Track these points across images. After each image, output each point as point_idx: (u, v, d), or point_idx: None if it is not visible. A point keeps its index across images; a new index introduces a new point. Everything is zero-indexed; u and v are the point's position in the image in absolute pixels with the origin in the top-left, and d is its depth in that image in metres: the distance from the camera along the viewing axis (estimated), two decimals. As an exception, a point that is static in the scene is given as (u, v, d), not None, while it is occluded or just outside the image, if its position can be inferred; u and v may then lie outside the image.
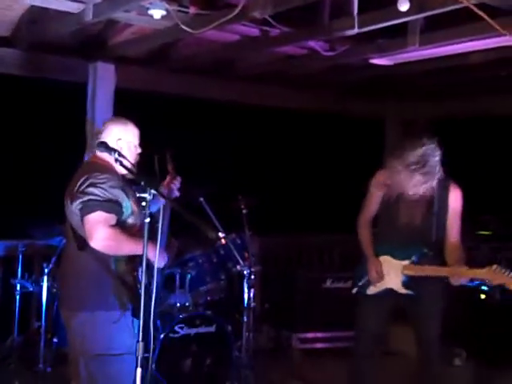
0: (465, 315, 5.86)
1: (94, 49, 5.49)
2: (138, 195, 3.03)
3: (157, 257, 3.07)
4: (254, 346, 5.02)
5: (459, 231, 3.95)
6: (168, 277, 4.65)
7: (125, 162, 3.22)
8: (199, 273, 4.78)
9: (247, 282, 4.82)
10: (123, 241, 3.15)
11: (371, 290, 4.04)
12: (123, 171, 3.29)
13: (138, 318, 3.12)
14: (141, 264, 3.11)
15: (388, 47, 4.92)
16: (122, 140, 3.37)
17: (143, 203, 2.93)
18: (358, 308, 4.13)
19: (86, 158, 5.57)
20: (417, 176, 3.72)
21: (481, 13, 3.41)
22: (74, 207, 3.18)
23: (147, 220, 2.92)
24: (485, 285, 5.88)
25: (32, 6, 4.53)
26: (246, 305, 4.83)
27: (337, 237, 6.85)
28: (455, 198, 3.92)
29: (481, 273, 3.67)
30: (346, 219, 7.10)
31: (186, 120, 6.85)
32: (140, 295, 3.07)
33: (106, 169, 3.28)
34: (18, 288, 4.80)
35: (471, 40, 4.52)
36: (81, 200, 3.15)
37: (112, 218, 3.15)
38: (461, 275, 3.70)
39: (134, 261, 3.24)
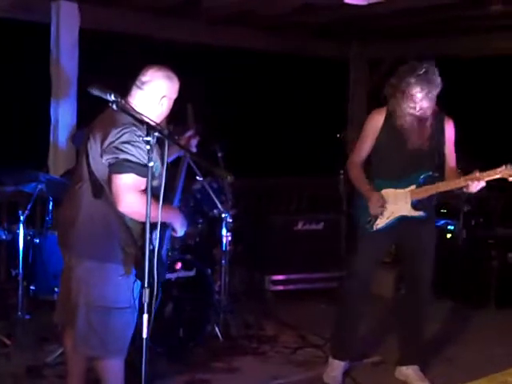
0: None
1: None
2: (142, 138, 2.93)
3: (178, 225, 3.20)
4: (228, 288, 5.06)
5: (455, 159, 4.06)
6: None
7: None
8: (177, 217, 4.71)
9: (226, 226, 4.81)
10: (153, 209, 2.99)
11: (379, 224, 4.02)
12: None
13: (142, 281, 3.06)
14: (155, 228, 3.04)
15: (365, -14, 4.85)
16: (167, 97, 3.26)
17: (147, 146, 2.83)
18: (361, 244, 4.13)
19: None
20: (420, 83, 3.76)
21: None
22: (105, 159, 3.06)
23: (150, 164, 2.84)
24: (451, 224, 6.10)
25: None
26: (224, 248, 4.83)
27: (305, 179, 6.88)
28: (450, 128, 4.04)
29: (495, 172, 3.74)
30: (313, 161, 7.17)
31: (150, 62, 6.65)
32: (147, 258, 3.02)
33: (141, 123, 3.07)
34: (-8, 234, 4.67)
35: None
36: (116, 156, 3.04)
37: (144, 183, 3.03)
38: (478, 179, 3.74)
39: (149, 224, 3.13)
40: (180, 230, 3.35)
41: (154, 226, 3.03)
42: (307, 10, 5.81)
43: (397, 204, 4.00)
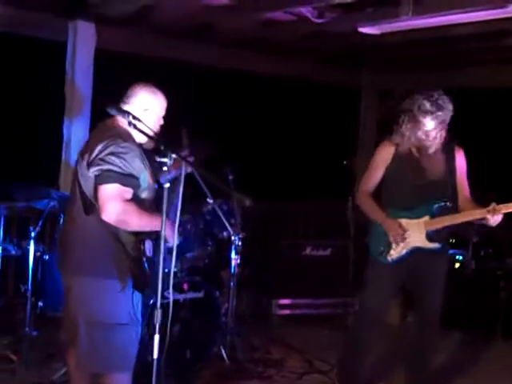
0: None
1: (73, 6, 5.33)
2: (158, 160, 2.96)
3: (173, 234, 3.07)
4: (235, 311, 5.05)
5: (468, 189, 4.02)
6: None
7: (142, 127, 3.15)
8: (187, 239, 4.72)
9: (235, 249, 4.82)
10: (136, 216, 3.10)
11: (393, 255, 3.97)
12: (140, 139, 3.24)
13: (140, 292, 3.18)
14: (149, 237, 3.13)
15: (379, 16, 4.89)
16: (149, 110, 3.29)
17: (164, 168, 2.87)
18: (373, 275, 4.08)
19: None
20: (431, 121, 3.77)
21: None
22: (91, 172, 3.10)
23: (167, 185, 2.87)
24: (460, 254, 6.08)
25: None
26: (232, 271, 4.83)
27: (313, 205, 6.90)
28: (461, 157, 4.01)
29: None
30: (322, 188, 7.18)
31: (164, 83, 6.71)
32: (144, 269, 3.11)
33: (128, 136, 3.20)
34: (0, 251, 4.67)
35: (462, 12, 4.55)
36: (100, 168, 3.07)
37: (128, 192, 3.10)
38: (496, 212, 3.68)
39: (141, 233, 3.18)
40: (170, 240, 3.23)
41: (145, 235, 3.10)
42: (320, 36, 5.87)
43: (411, 235, 3.96)
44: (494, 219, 3.71)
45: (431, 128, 3.81)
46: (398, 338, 5.07)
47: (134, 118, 3.13)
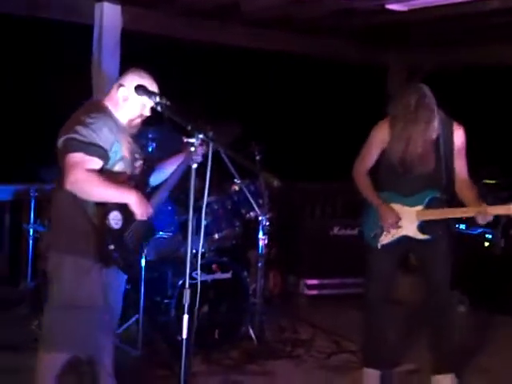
0: (468, 262, 5.95)
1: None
2: (185, 140, 2.96)
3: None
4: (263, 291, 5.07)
5: (467, 170, 3.99)
6: (184, 223, 4.61)
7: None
8: (214, 219, 4.75)
9: (262, 229, 4.82)
10: (99, 187, 3.05)
11: (384, 240, 3.99)
12: (124, 119, 3.24)
13: (107, 266, 3.12)
14: (113, 209, 3.07)
15: (407, -8, 4.83)
16: (126, 88, 3.25)
17: (192, 148, 2.87)
18: (369, 258, 4.11)
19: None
20: (419, 116, 3.74)
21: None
22: (59, 143, 3.11)
23: (194, 166, 2.87)
24: (489, 232, 6.03)
25: None
26: (260, 251, 4.84)
27: (339, 184, 6.85)
28: (459, 136, 3.96)
29: (506, 209, 3.71)
30: (348, 167, 7.12)
31: (191, 64, 6.73)
32: (108, 242, 3.04)
33: (103, 110, 3.20)
34: (31, 233, 4.73)
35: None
36: (66, 137, 3.07)
37: (93, 162, 3.05)
38: (487, 213, 3.71)
39: (106, 205, 3.12)
40: (139, 213, 3.19)
41: (111, 207, 3.07)
42: (347, 13, 5.79)
43: (402, 222, 3.94)
44: (481, 218, 3.73)
45: (418, 133, 3.77)
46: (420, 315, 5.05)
47: (160, 103, 3.10)
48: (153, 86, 3.30)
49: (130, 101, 3.26)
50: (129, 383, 3.92)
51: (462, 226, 6.10)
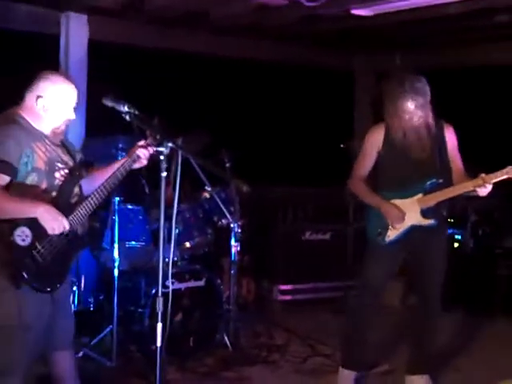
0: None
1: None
2: (155, 149, 2.96)
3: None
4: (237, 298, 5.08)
5: (461, 163, 4.06)
6: (156, 231, 4.60)
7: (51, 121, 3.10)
8: (186, 227, 4.75)
9: (234, 236, 4.84)
10: (1, 202, 2.93)
11: (391, 236, 4.02)
12: (45, 128, 3.15)
13: (17, 287, 2.98)
14: (20, 225, 2.94)
15: (372, -3, 4.89)
16: (44, 99, 3.12)
17: (161, 157, 2.87)
18: (371, 257, 4.14)
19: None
20: (410, 97, 3.83)
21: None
22: None
23: (164, 174, 2.88)
24: (458, 233, 6.12)
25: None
26: (233, 258, 4.86)
27: (312, 190, 6.91)
28: (451, 135, 4.07)
29: (502, 173, 3.74)
30: (320, 172, 7.18)
31: (159, 73, 6.72)
32: (14, 262, 2.92)
33: (13, 121, 3.06)
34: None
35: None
36: None
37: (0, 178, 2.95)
38: (485, 182, 3.73)
39: (12, 221, 2.97)
40: (49, 227, 3.03)
41: (18, 223, 2.93)
42: (313, 20, 5.85)
43: (406, 214, 4.00)
44: (484, 190, 3.76)
45: (413, 108, 3.86)
46: (401, 319, 5.11)
47: (128, 113, 3.07)
48: (69, 89, 3.19)
49: (51, 110, 3.15)
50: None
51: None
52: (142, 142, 3.30)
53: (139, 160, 3.28)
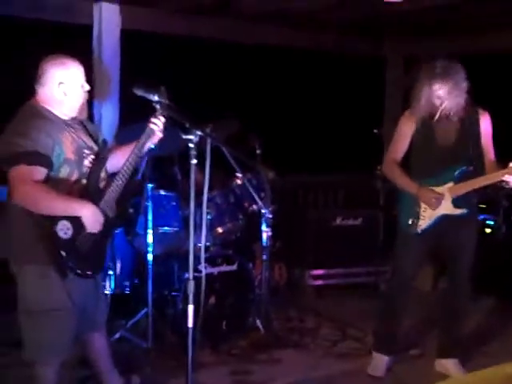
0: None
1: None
2: (183, 137, 3.01)
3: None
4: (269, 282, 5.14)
5: (493, 152, 4.05)
6: (189, 217, 4.67)
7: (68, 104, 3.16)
8: (218, 213, 4.82)
9: (265, 222, 4.89)
10: (46, 199, 3.01)
11: (422, 225, 4.04)
12: (67, 112, 3.22)
13: (64, 276, 3.10)
14: (61, 218, 3.02)
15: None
16: (65, 84, 3.18)
17: (190, 145, 2.93)
18: (403, 246, 4.18)
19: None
20: (440, 81, 3.83)
21: None
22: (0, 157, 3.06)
23: (193, 162, 2.93)
24: (490, 219, 6.08)
25: None
26: (264, 243, 4.91)
27: (343, 175, 6.94)
28: (486, 121, 4.04)
29: None
30: (351, 158, 7.20)
31: (190, 60, 6.79)
32: (60, 254, 3.01)
33: (38, 114, 3.13)
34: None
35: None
36: (2, 151, 3.04)
37: (36, 171, 3.01)
38: None
39: (51, 216, 3.07)
40: (89, 226, 3.13)
41: (59, 217, 3.01)
42: (342, 6, 5.86)
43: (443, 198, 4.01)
44: None
45: (444, 93, 3.85)
46: (431, 304, 5.12)
47: (159, 102, 3.13)
48: (77, 65, 3.25)
49: (72, 92, 3.21)
50: (140, 374, 3.99)
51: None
52: (152, 117, 3.34)
53: (154, 134, 3.34)
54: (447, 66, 3.87)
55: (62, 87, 3.17)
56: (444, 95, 3.86)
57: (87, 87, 3.30)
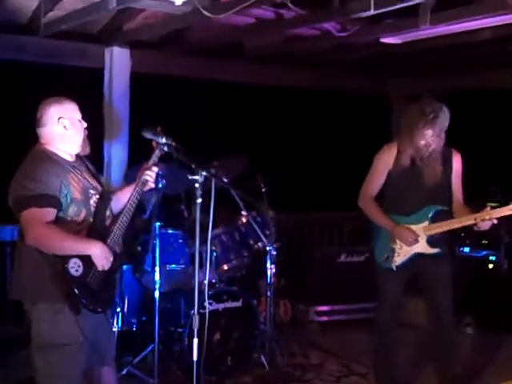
0: (474, 285, 6.08)
1: (109, 34, 5.61)
2: (189, 177, 3.14)
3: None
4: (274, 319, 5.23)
5: (462, 193, 4.15)
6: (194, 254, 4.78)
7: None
8: (223, 250, 4.94)
9: (270, 259, 5.00)
10: (58, 240, 3.11)
11: (397, 261, 4.11)
12: (70, 151, 3.32)
13: (78, 313, 3.16)
14: (72, 256, 3.10)
15: (399, 26, 5.04)
16: (64, 118, 3.27)
17: (196, 185, 3.05)
18: (380, 281, 4.26)
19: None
20: (430, 127, 3.92)
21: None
22: (10, 201, 3.17)
23: (199, 201, 3.06)
24: (493, 254, 6.16)
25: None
26: (269, 280, 5.02)
27: (345, 213, 7.04)
28: (458, 161, 4.15)
29: (505, 210, 3.83)
30: (353, 196, 7.30)
31: (199, 101, 6.98)
32: (73, 291, 3.09)
33: (45, 156, 3.24)
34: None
35: (478, 19, 4.66)
36: (14, 195, 3.14)
37: (47, 213, 3.11)
38: (491, 217, 3.83)
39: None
40: (100, 265, 3.22)
41: (70, 255, 3.09)
42: (344, 48, 6.04)
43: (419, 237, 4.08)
44: (485, 224, 3.86)
45: (433, 137, 3.95)
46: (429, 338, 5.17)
47: (166, 144, 3.27)
48: (71, 102, 3.34)
49: (71, 126, 3.29)
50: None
51: (466, 250, 6.25)
52: (146, 165, 3.46)
53: (147, 183, 3.46)
54: (437, 109, 3.95)
55: (62, 121, 3.27)
56: (433, 139, 3.96)
57: (85, 124, 3.42)
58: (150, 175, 3.45)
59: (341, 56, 6.43)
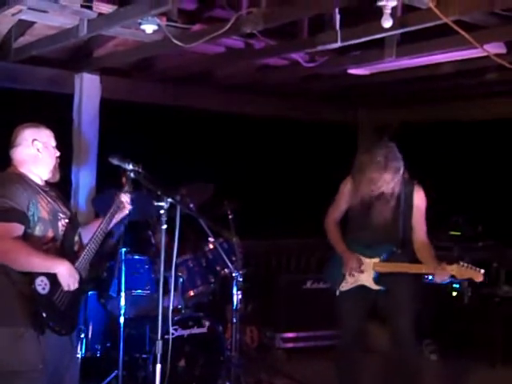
0: (438, 312, 6.17)
1: (79, 60, 5.65)
2: (155, 204, 3.18)
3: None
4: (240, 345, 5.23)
5: (426, 230, 4.22)
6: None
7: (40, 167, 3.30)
8: (190, 276, 4.96)
9: (236, 285, 5.02)
10: (24, 256, 3.09)
11: (344, 286, 4.25)
12: (41, 174, 3.34)
13: (42, 334, 3.13)
14: (39, 274, 3.09)
15: (366, 58, 5.17)
16: (38, 141, 3.32)
17: (161, 211, 3.09)
18: (337, 306, 4.37)
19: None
20: (383, 173, 4.02)
21: (458, 29, 3.66)
22: None
23: (164, 227, 3.09)
24: (456, 282, 6.25)
25: (20, 20, 4.62)
26: (235, 307, 5.03)
27: (313, 240, 7.10)
28: (420, 198, 4.22)
29: (450, 269, 3.95)
30: (320, 224, 7.37)
31: (168, 129, 7.04)
32: (39, 310, 3.06)
33: (15, 177, 3.26)
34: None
35: (443, 52, 4.82)
36: None
37: (14, 227, 3.10)
38: (447, 272, 3.94)
39: (31, 272, 3.14)
40: (66, 284, 3.20)
41: (37, 272, 3.08)
42: (313, 78, 6.16)
43: (364, 270, 4.18)
44: (441, 277, 3.98)
45: (382, 181, 4.05)
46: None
47: (133, 170, 3.32)
48: (46, 128, 3.39)
49: (45, 150, 3.33)
50: None
51: (431, 277, 6.32)
52: (121, 192, 3.50)
53: (123, 207, 3.50)
54: (388, 153, 4.04)
55: (36, 144, 3.31)
56: (382, 183, 4.05)
57: (57, 152, 3.44)
58: (126, 200, 3.48)
59: (309, 86, 6.55)
